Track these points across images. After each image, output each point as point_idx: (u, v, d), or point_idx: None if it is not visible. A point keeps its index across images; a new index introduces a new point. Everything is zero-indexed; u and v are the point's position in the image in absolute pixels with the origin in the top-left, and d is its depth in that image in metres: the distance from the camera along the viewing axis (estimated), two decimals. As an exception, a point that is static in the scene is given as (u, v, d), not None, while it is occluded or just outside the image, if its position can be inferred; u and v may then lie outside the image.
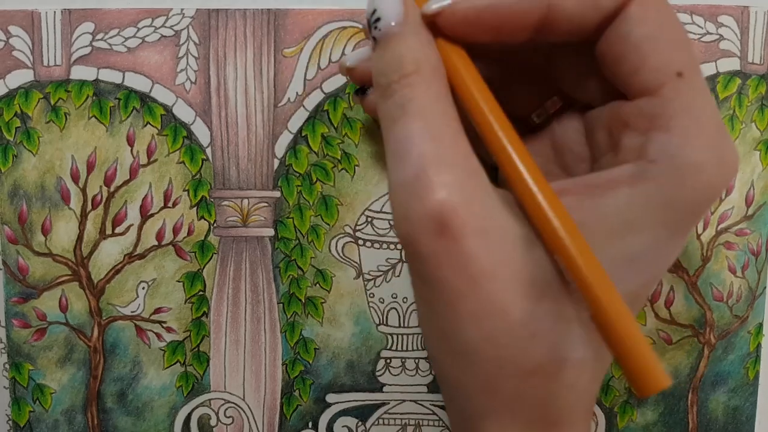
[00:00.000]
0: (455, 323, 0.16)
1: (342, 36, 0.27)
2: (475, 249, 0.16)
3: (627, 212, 0.17)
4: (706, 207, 0.17)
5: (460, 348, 0.17)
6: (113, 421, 0.28)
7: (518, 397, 0.17)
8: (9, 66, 0.27)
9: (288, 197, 0.28)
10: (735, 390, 0.29)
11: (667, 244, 0.17)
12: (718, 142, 0.17)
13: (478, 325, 0.16)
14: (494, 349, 0.16)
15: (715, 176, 0.17)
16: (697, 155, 0.16)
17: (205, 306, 0.28)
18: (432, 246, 0.16)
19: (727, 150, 0.17)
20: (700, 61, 0.18)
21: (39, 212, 0.27)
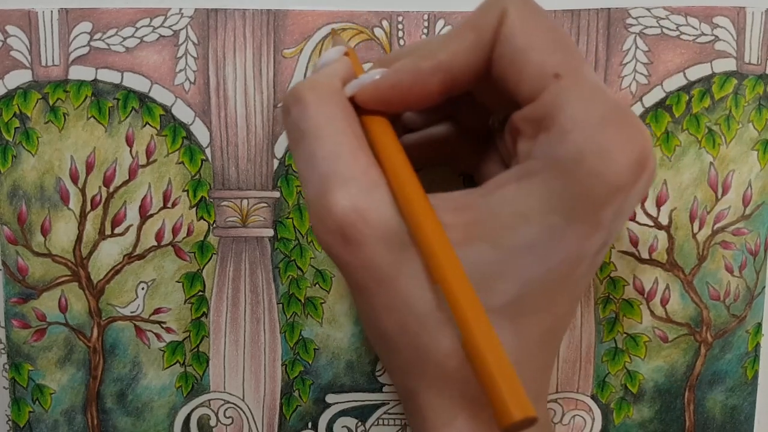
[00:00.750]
0: (374, 316, 0.19)
1: (342, 37, 0.27)
2: (376, 254, 0.18)
3: (515, 205, 0.18)
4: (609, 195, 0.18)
5: (382, 337, 0.19)
6: (113, 422, 0.28)
7: (440, 379, 0.18)
8: (7, 66, 0.27)
9: (287, 197, 0.28)
10: (733, 389, 0.29)
11: (566, 230, 0.18)
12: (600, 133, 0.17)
13: (390, 318, 0.18)
14: (408, 337, 0.18)
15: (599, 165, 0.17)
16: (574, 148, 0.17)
17: (204, 306, 0.28)
18: (341, 254, 0.18)
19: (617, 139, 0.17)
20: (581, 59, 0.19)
21: (38, 213, 0.27)
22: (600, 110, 0.18)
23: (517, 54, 0.18)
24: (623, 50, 0.27)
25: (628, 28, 0.27)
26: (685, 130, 0.28)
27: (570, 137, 0.17)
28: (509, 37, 0.18)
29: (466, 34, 0.19)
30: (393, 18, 0.27)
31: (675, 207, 0.28)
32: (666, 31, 0.27)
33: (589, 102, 0.18)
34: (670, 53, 0.27)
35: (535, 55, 0.18)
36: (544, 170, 0.18)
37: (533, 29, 0.18)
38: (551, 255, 0.18)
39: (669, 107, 0.28)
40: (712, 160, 0.28)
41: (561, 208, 0.18)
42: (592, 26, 0.27)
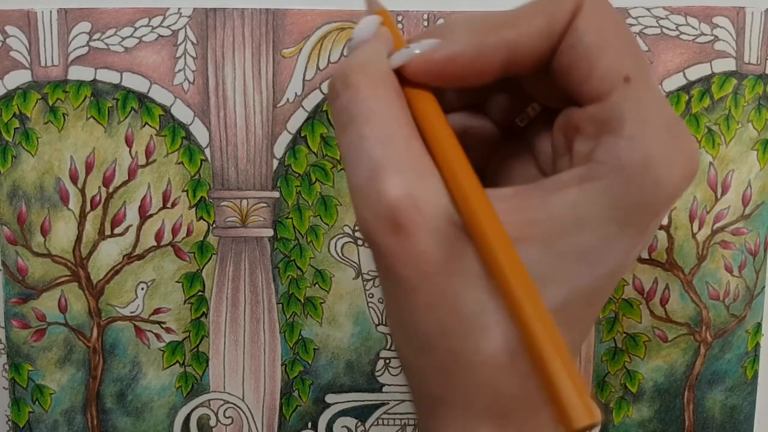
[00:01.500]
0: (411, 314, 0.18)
1: (341, 37, 0.27)
2: (426, 246, 0.17)
3: (575, 210, 0.17)
4: (662, 205, 0.18)
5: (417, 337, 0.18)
6: (113, 422, 0.28)
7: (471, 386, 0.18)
8: (7, 66, 0.27)
9: (287, 197, 0.28)
10: (732, 389, 0.29)
11: (619, 239, 0.17)
12: (667, 142, 0.17)
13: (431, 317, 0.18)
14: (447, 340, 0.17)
15: (664, 175, 0.17)
16: (642, 155, 0.17)
17: (204, 306, 0.28)
18: (388, 243, 0.17)
19: (678, 150, 0.18)
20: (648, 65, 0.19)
21: (38, 213, 0.27)
22: (666, 119, 0.18)
23: (589, 50, 0.18)
24: (623, 50, 0.27)
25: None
26: (685, 130, 0.28)
27: (639, 143, 0.17)
28: (583, 32, 0.18)
29: (536, 17, 0.18)
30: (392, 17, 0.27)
31: (674, 207, 0.28)
32: (666, 30, 0.27)
33: (657, 110, 0.18)
34: (669, 53, 0.27)
35: (608, 56, 0.18)
36: (609, 174, 0.17)
37: (607, 27, 0.18)
38: (602, 264, 0.18)
39: (668, 107, 0.28)
40: (711, 160, 0.28)
41: (619, 215, 0.17)
42: (592, 27, 0.27)
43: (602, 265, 0.18)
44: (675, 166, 0.17)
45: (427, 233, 0.17)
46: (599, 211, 0.17)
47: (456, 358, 0.18)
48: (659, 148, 0.17)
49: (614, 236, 0.17)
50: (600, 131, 0.18)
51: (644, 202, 0.17)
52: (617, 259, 0.18)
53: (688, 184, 0.18)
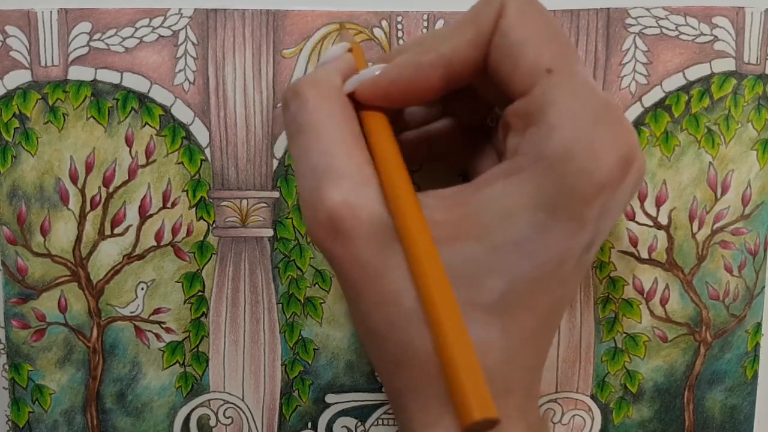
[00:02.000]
0: (363, 311, 0.19)
1: (341, 37, 0.27)
2: (365, 250, 0.18)
3: (502, 202, 0.18)
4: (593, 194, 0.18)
5: (371, 333, 0.19)
6: (112, 422, 0.28)
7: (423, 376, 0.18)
8: (7, 66, 0.27)
9: (287, 197, 0.28)
10: (732, 389, 0.29)
11: (551, 228, 0.18)
12: (591, 130, 0.17)
13: (379, 313, 0.19)
14: (396, 333, 0.18)
15: (588, 164, 0.17)
16: (562, 144, 0.17)
17: (204, 306, 0.28)
18: (331, 247, 0.19)
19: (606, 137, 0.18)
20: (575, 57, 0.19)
21: (38, 213, 0.27)
22: (589, 107, 0.18)
23: (512, 47, 0.18)
24: (623, 50, 0.27)
25: (627, 28, 0.27)
26: (685, 129, 0.28)
27: (558, 133, 0.17)
28: (506, 30, 0.19)
29: (466, 28, 0.19)
30: (392, 18, 0.27)
31: (674, 207, 0.28)
32: (665, 31, 0.27)
33: (579, 99, 0.18)
34: (669, 53, 0.27)
35: (530, 50, 0.18)
36: (531, 166, 0.18)
37: (530, 23, 0.19)
38: (538, 252, 0.18)
39: (668, 107, 0.28)
40: (711, 160, 0.28)
41: (547, 204, 0.18)
42: (592, 26, 0.27)
43: (539, 254, 0.18)
44: (602, 154, 0.17)
45: (364, 237, 0.18)
46: (524, 201, 0.18)
47: (406, 350, 0.18)
48: (582, 137, 0.17)
49: (545, 225, 0.18)
50: (526, 125, 0.18)
51: (569, 191, 0.17)
52: (555, 247, 0.18)
53: (628, 169, 0.18)
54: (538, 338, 0.19)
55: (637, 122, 0.28)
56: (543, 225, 0.18)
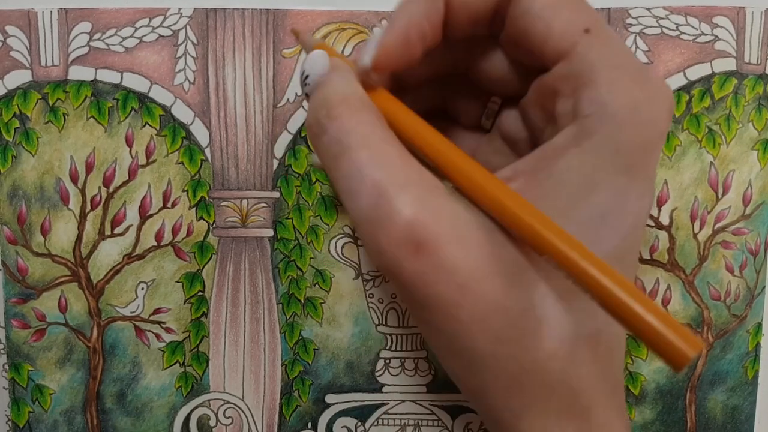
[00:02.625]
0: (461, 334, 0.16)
1: (341, 37, 0.27)
2: (455, 257, 0.16)
3: (582, 172, 0.17)
4: (658, 141, 0.18)
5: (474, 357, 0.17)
6: (112, 422, 0.28)
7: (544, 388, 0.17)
8: (7, 66, 0.27)
9: (287, 198, 0.28)
10: (734, 389, 0.29)
11: (630, 191, 0.17)
12: (643, 81, 0.17)
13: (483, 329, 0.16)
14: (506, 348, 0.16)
15: (651, 111, 0.17)
16: (627, 97, 0.17)
17: (204, 306, 0.28)
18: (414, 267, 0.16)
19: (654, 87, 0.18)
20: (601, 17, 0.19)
21: (38, 213, 0.27)
22: (632, 61, 0.18)
23: (543, 11, 0.18)
24: (623, 50, 0.27)
25: (628, 28, 0.27)
26: (686, 129, 0.28)
27: (619, 87, 0.17)
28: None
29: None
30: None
31: (676, 207, 0.28)
32: (666, 30, 0.27)
33: (624, 54, 0.18)
34: (670, 53, 0.27)
35: (563, 12, 0.18)
36: (602, 125, 0.17)
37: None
38: (622, 222, 0.17)
39: (669, 107, 0.28)
40: (712, 160, 0.28)
41: (624, 163, 0.17)
42: (592, 25, 0.27)
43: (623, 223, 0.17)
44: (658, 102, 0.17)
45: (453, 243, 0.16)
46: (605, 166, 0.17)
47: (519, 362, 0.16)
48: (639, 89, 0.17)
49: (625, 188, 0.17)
50: (576, 86, 0.18)
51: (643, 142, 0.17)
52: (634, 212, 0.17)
53: (671, 118, 0.18)
54: None
55: (637, 122, 0.28)
56: (623, 190, 0.17)
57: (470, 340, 0.16)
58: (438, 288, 0.16)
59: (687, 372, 0.29)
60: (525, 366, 0.16)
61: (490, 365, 0.17)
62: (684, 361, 0.14)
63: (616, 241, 0.17)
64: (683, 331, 0.14)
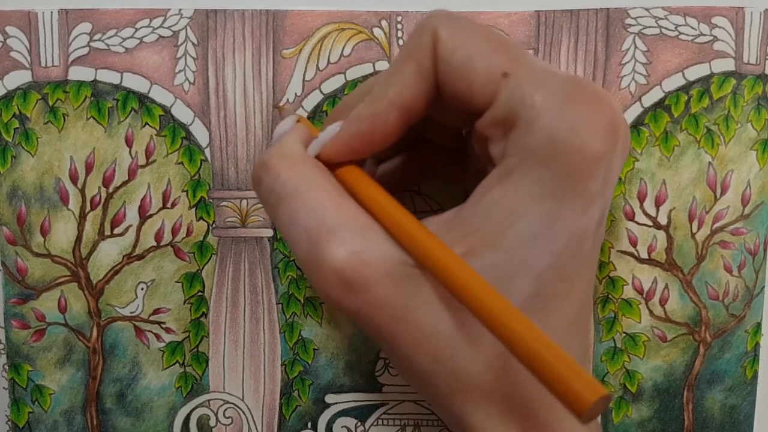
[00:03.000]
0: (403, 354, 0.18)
1: (341, 37, 0.27)
2: (385, 293, 0.18)
3: (505, 204, 0.18)
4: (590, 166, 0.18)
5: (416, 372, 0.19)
6: (112, 422, 0.28)
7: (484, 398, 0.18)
8: (7, 67, 0.27)
9: (287, 198, 0.28)
10: (732, 389, 0.29)
11: (562, 210, 0.18)
12: (564, 111, 0.18)
13: (419, 351, 0.18)
14: (442, 365, 0.18)
15: (572, 141, 0.17)
16: (545, 134, 0.18)
17: (204, 306, 0.28)
18: (350, 304, 0.18)
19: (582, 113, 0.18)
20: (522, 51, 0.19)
21: (38, 213, 0.27)
22: (557, 91, 0.18)
23: (461, 69, 0.19)
24: (622, 50, 0.27)
25: (627, 28, 0.27)
26: (684, 130, 0.28)
27: (537, 125, 0.18)
28: (448, 56, 0.19)
29: (407, 66, 0.19)
30: (392, 18, 0.27)
31: (674, 207, 0.28)
32: (665, 31, 0.27)
33: (545, 86, 0.18)
34: (668, 53, 0.27)
35: (478, 63, 0.18)
36: (522, 163, 0.18)
37: (467, 39, 0.19)
38: (555, 240, 0.18)
39: (668, 107, 0.28)
40: (710, 160, 0.28)
41: (549, 192, 0.18)
42: (591, 26, 0.27)
43: (556, 240, 0.18)
44: (586, 129, 0.18)
45: (381, 281, 0.18)
46: (526, 197, 0.18)
47: (458, 377, 0.18)
48: (558, 120, 0.17)
49: (554, 211, 0.18)
50: (504, 131, 0.19)
51: (568, 171, 0.17)
52: (569, 228, 0.18)
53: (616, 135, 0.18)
54: (578, 324, 0.19)
55: (636, 122, 0.28)
56: (553, 212, 0.18)
57: (411, 360, 0.18)
58: (376, 320, 0.18)
59: (684, 371, 0.29)
60: (462, 380, 0.18)
61: (431, 381, 0.18)
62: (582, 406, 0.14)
63: (550, 259, 0.18)
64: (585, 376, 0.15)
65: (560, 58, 0.28)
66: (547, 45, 0.27)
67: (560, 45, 0.27)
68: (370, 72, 0.27)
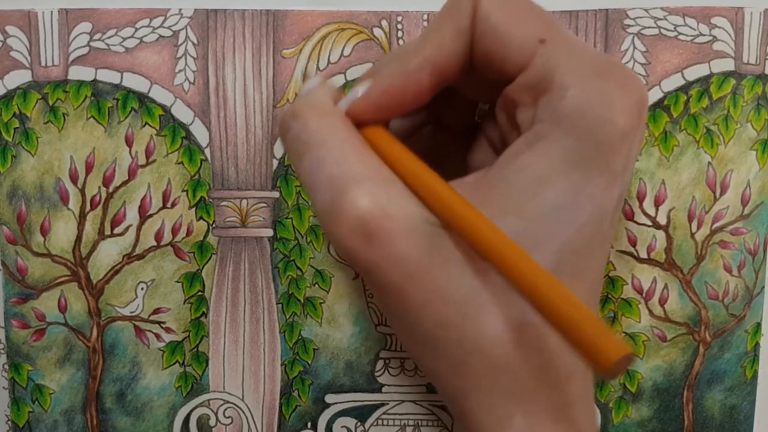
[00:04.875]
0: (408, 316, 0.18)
1: (341, 37, 0.27)
2: (404, 248, 0.17)
3: (532, 171, 0.18)
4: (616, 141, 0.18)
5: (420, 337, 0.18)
6: (112, 422, 0.28)
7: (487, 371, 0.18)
8: (7, 66, 0.27)
9: (287, 198, 0.28)
10: (732, 389, 0.29)
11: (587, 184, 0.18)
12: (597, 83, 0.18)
13: (427, 313, 0.18)
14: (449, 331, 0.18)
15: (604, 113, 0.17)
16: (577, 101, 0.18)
17: (204, 306, 0.28)
18: (366, 256, 0.17)
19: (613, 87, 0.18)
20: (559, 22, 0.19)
21: (38, 213, 0.27)
22: (592, 62, 0.18)
23: (498, 30, 0.18)
24: (621, 51, 0.27)
25: (626, 29, 0.27)
26: (684, 130, 0.28)
27: (571, 92, 0.18)
28: (486, 16, 0.19)
29: (444, 25, 0.19)
30: (392, 18, 0.27)
31: (673, 207, 0.28)
32: (664, 31, 0.27)
33: (580, 57, 0.18)
34: (668, 53, 0.27)
35: (516, 27, 0.18)
36: (553, 129, 0.18)
37: (507, 3, 0.19)
38: (578, 214, 0.18)
39: (667, 107, 0.28)
40: (710, 160, 0.28)
41: (577, 162, 0.18)
42: (590, 27, 0.27)
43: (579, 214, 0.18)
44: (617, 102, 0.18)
45: (402, 235, 0.17)
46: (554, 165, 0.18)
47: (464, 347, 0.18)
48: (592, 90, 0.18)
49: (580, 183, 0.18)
50: (535, 96, 0.18)
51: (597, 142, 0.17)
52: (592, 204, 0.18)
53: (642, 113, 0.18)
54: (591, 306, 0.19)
55: (636, 122, 0.28)
56: (579, 185, 0.18)
57: (417, 324, 0.18)
58: (388, 276, 0.18)
59: (684, 370, 0.29)
60: (468, 349, 0.18)
61: (437, 347, 0.18)
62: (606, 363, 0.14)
63: (571, 233, 0.18)
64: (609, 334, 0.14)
65: (560, 58, 0.28)
66: (547, 45, 0.27)
67: (560, 45, 0.27)
68: (370, 72, 0.27)
